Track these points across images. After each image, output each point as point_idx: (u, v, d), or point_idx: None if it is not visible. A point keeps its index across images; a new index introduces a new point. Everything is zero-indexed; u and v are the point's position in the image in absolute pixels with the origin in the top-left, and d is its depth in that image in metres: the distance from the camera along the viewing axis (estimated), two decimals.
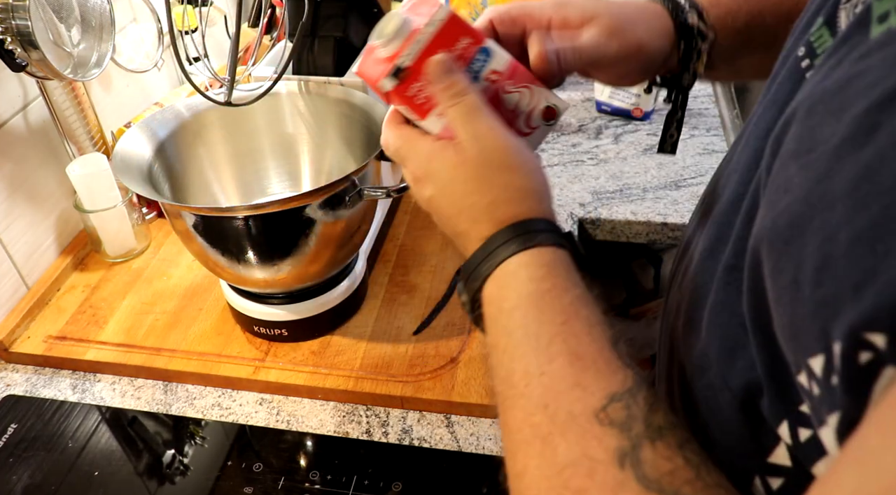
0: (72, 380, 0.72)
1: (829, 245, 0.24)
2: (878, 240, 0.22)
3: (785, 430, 0.28)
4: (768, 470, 0.30)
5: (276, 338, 0.71)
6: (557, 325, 0.35)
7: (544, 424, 0.32)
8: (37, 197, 0.80)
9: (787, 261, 0.26)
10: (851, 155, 0.24)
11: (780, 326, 0.27)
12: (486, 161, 0.41)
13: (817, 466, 0.27)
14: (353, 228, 0.67)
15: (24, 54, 0.68)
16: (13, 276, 0.78)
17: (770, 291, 0.28)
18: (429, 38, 0.42)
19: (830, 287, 0.23)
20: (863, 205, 0.23)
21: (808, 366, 0.25)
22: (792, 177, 0.27)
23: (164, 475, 0.62)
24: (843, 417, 0.23)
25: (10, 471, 0.62)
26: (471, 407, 0.64)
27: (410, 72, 0.42)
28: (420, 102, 0.43)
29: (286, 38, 0.77)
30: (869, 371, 0.22)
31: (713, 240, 0.37)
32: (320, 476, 0.60)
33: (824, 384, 0.24)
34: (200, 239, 0.64)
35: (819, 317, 0.24)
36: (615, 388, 0.32)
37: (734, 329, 0.32)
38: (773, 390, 0.29)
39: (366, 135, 0.71)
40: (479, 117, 0.42)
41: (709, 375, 0.34)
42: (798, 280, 0.25)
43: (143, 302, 0.79)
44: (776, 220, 0.27)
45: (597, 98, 1.11)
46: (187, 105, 0.74)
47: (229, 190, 0.79)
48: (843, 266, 0.23)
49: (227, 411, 0.67)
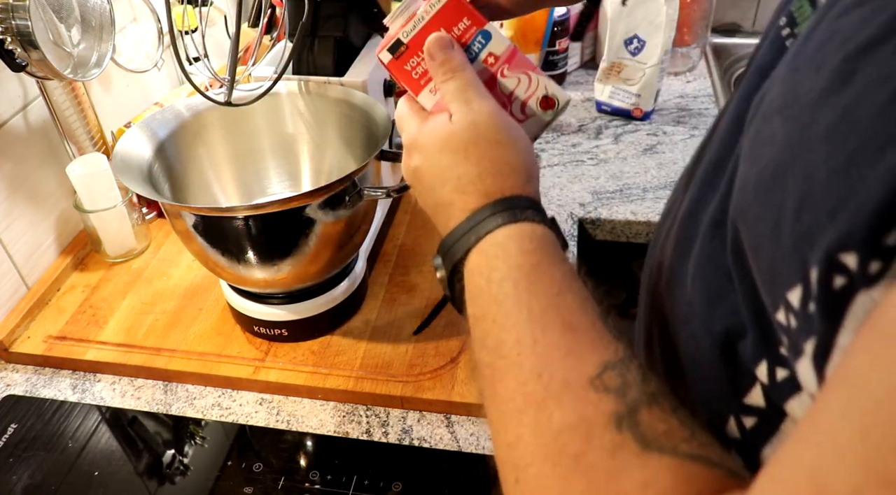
0: (72, 380, 0.72)
1: (808, 183, 0.25)
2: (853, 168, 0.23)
3: (763, 371, 0.30)
4: (743, 411, 0.32)
5: (276, 338, 0.71)
6: (551, 297, 0.35)
7: (538, 392, 0.32)
8: (37, 197, 0.80)
9: (768, 208, 0.27)
10: (830, 101, 0.25)
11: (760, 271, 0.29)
12: (477, 134, 0.42)
13: (790, 403, 0.29)
14: (353, 228, 0.67)
15: (24, 54, 0.68)
16: (13, 276, 0.78)
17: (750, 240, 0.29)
18: (429, 17, 0.45)
19: (809, 220, 0.25)
20: (840, 143, 0.24)
21: (787, 299, 0.26)
22: (775, 131, 0.29)
23: (164, 475, 0.62)
24: (818, 342, 0.24)
25: (10, 471, 0.62)
26: (471, 407, 0.64)
27: (408, 48, 0.46)
28: (416, 77, 0.46)
29: (286, 38, 0.77)
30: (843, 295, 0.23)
31: (696, 201, 0.38)
32: (320, 476, 0.60)
33: (802, 314, 0.25)
34: (200, 239, 0.64)
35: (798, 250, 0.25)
36: (609, 357, 0.32)
37: (718, 279, 0.33)
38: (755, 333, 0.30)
39: (366, 135, 0.71)
40: (473, 93, 0.43)
41: (692, 324, 0.35)
42: (778, 222, 0.27)
43: (143, 302, 0.79)
44: (761, 171, 0.29)
45: (597, 98, 1.11)
46: (187, 105, 0.74)
47: (229, 190, 0.79)
48: (821, 198, 0.24)
49: (227, 411, 0.67)
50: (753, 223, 0.29)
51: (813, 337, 0.25)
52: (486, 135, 0.42)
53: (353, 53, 0.78)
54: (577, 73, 1.25)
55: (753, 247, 0.29)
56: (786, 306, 0.26)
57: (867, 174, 0.22)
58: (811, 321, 0.24)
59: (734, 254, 0.32)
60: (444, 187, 0.42)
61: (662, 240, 0.42)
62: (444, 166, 0.42)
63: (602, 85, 1.09)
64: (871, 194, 0.22)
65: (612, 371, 0.31)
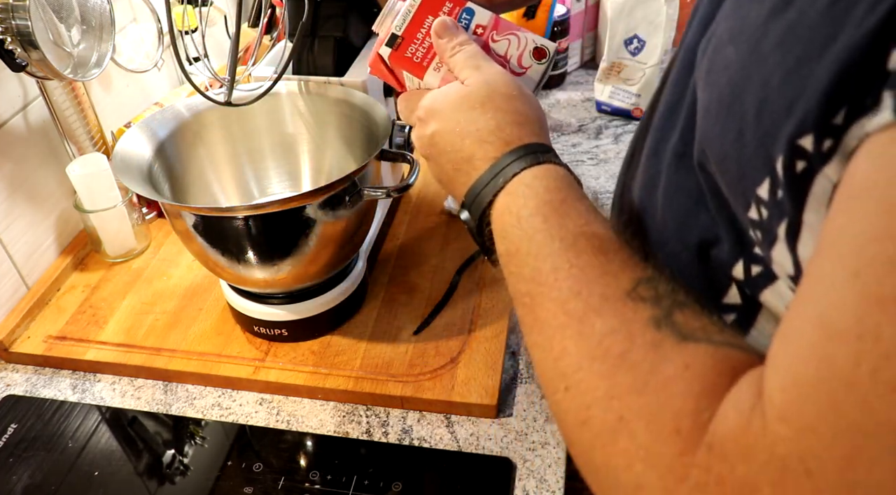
0: (72, 380, 0.72)
1: (765, 90, 0.29)
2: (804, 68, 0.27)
3: (739, 270, 0.34)
4: (723, 310, 0.36)
5: (276, 338, 0.71)
6: (580, 226, 0.38)
7: (579, 308, 0.34)
8: (37, 197, 0.80)
9: (731, 121, 0.31)
10: (776, 20, 0.29)
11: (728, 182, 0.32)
12: (491, 90, 0.46)
13: (764, 294, 0.34)
14: (353, 228, 0.67)
15: (24, 54, 0.68)
16: (13, 276, 0.78)
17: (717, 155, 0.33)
18: (417, 7, 0.51)
19: (769, 120, 0.28)
20: (789, 51, 0.28)
21: (757, 195, 0.30)
22: (728, 57, 0.33)
23: (164, 475, 0.62)
24: (789, 222, 0.29)
25: (10, 471, 0.62)
26: (471, 407, 0.64)
27: (404, 38, 0.51)
28: (417, 61, 0.52)
29: (286, 38, 0.77)
30: (804, 177, 0.27)
31: (657, 141, 0.42)
32: (320, 476, 0.60)
33: (771, 203, 0.29)
34: (200, 239, 0.63)
35: (762, 148, 0.29)
36: (640, 274, 0.35)
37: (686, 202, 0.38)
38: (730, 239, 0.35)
39: (366, 135, 0.71)
40: (481, 59, 0.48)
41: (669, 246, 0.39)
42: (742, 130, 0.30)
43: (143, 302, 0.79)
44: (721, 93, 0.32)
45: (597, 98, 1.11)
46: (187, 105, 0.74)
47: (229, 190, 0.79)
48: (778, 99, 0.28)
49: (227, 411, 0.67)
50: (719, 138, 0.32)
51: (784, 220, 0.29)
52: (499, 90, 0.46)
53: (353, 53, 0.78)
54: (577, 73, 1.25)
55: (720, 161, 0.33)
56: (756, 201, 0.30)
57: (814, 68, 0.26)
58: (780, 205, 0.29)
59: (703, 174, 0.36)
60: (465, 141, 0.45)
61: (628, 183, 0.47)
62: (462, 123, 0.45)
63: (602, 85, 1.09)
64: (820, 81, 0.26)
65: (644, 284, 0.34)
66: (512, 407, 0.65)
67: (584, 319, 0.34)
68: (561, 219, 0.38)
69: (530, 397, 0.66)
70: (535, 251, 0.38)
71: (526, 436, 0.62)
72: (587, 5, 1.20)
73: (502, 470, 0.59)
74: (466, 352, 0.69)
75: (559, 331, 0.35)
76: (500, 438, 0.62)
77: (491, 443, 0.62)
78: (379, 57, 0.53)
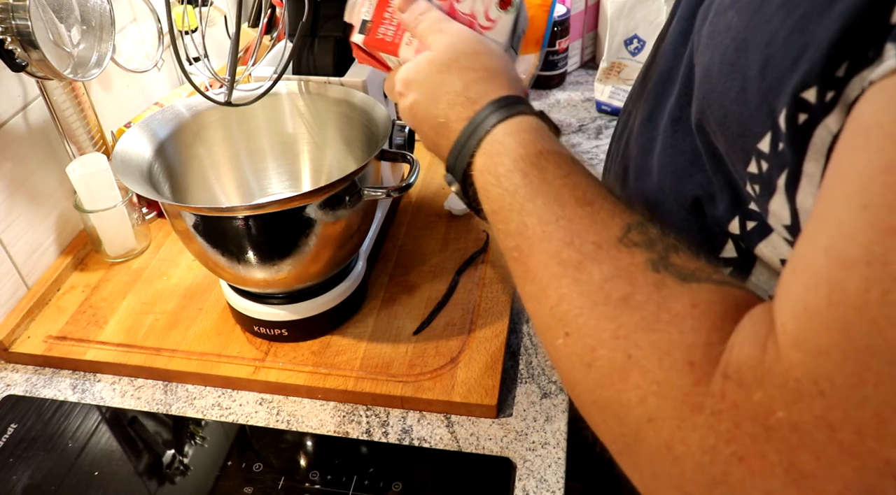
0: (72, 380, 0.72)
1: (769, 48, 0.30)
2: (808, 24, 0.28)
3: (735, 225, 0.36)
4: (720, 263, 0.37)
5: (276, 338, 0.71)
6: (560, 177, 0.38)
7: (573, 257, 0.34)
8: (37, 197, 0.80)
9: (734, 78, 0.32)
10: None
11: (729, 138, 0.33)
12: (455, 50, 0.47)
13: (759, 247, 0.35)
14: (353, 228, 0.67)
15: (24, 54, 0.68)
16: (13, 276, 0.78)
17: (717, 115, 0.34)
18: None
19: (773, 75, 0.29)
20: (794, 9, 0.29)
21: (758, 150, 0.31)
22: (731, 20, 0.33)
23: (164, 475, 0.62)
24: (789, 172, 0.30)
25: (10, 471, 0.62)
26: (471, 408, 0.64)
27: (373, 22, 0.53)
28: (390, 40, 0.53)
29: (286, 38, 0.77)
30: (806, 128, 0.28)
31: (652, 109, 0.43)
32: (320, 476, 0.60)
33: (772, 155, 0.30)
34: (200, 239, 0.64)
35: (765, 102, 0.30)
36: (629, 220, 0.35)
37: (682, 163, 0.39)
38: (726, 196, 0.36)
39: (366, 135, 0.71)
40: (444, 23, 0.49)
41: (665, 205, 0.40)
42: (745, 87, 0.31)
43: (143, 302, 0.79)
44: (723, 53, 0.33)
45: (597, 98, 1.11)
46: (187, 105, 0.74)
47: (229, 190, 0.79)
48: (782, 55, 0.29)
49: (227, 411, 0.67)
50: (721, 97, 0.33)
51: (784, 170, 0.30)
52: (463, 48, 0.47)
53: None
54: (577, 73, 1.25)
55: (721, 119, 0.34)
56: (757, 155, 0.31)
57: (819, 24, 0.27)
58: (781, 157, 0.30)
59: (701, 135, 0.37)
60: (438, 107, 0.46)
61: (623, 148, 0.48)
62: (433, 89, 0.46)
63: (602, 85, 1.09)
64: (825, 37, 0.27)
65: (635, 230, 0.34)
66: (512, 407, 0.65)
67: (580, 267, 0.34)
68: (540, 173, 0.38)
69: (530, 397, 0.66)
70: (519, 206, 0.38)
71: (526, 436, 0.62)
72: (587, 5, 1.20)
73: (502, 470, 0.59)
74: (466, 352, 0.69)
75: (554, 280, 0.35)
76: (500, 438, 0.62)
77: (491, 443, 0.62)
78: (356, 46, 0.55)
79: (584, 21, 1.21)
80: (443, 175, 0.48)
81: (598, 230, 0.35)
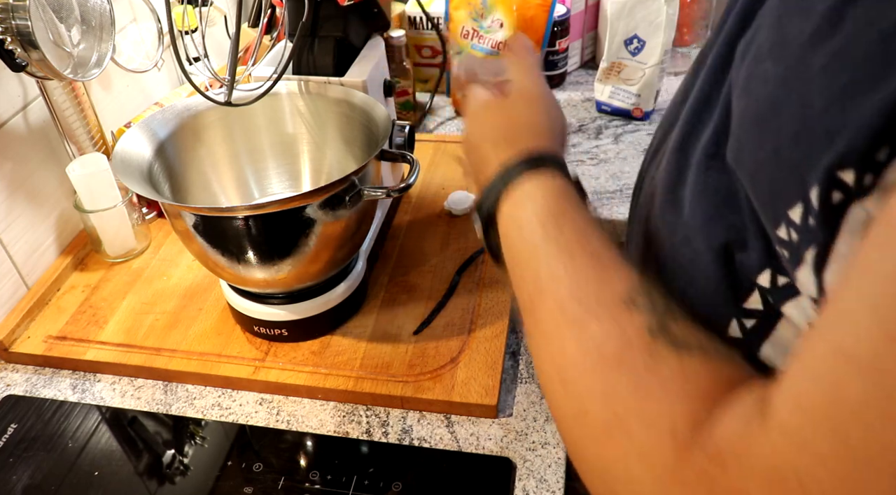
0: (72, 380, 0.72)
1: (805, 113, 0.29)
2: (848, 99, 0.27)
3: (766, 278, 0.34)
4: (744, 314, 0.37)
5: (276, 338, 0.71)
6: (577, 234, 0.40)
7: (577, 312, 0.36)
8: (37, 197, 0.80)
9: (767, 136, 0.31)
10: (822, 44, 0.29)
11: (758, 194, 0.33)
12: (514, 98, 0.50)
13: (787, 305, 0.34)
14: (353, 228, 0.67)
15: (24, 54, 0.68)
16: (13, 276, 0.78)
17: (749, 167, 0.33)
18: None
19: (807, 144, 0.28)
20: (835, 78, 0.28)
21: (788, 217, 0.30)
22: (768, 69, 0.32)
23: (164, 475, 0.62)
24: (818, 250, 0.29)
25: (10, 471, 0.62)
26: (471, 408, 0.64)
27: None
28: None
29: (286, 38, 0.77)
30: (839, 208, 0.27)
31: (686, 135, 0.42)
32: (320, 476, 0.60)
33: (803, 228, 0.29)
34: (200, 239, 0.63)
35: (798, 171, 0.29)
36: (634, 282, 0.36)
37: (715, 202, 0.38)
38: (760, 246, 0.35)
39: (366, 135, 0.71)
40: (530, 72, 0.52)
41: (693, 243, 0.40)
42: (778, 148, 0.30)
43: (143, 302, 0.79)
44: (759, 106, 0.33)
45: (597, 98, 1.11)
46: (187, 105, 0.74)
47: (229, 190, 0.79)
48: (818, 125, 0.28)
49: (227, 411, 0.67)
50: (753, 152, 0.33)
51: (813, 246, 0.29)
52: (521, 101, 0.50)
53: (353, 53, 0.78)
54: (577, 73, 1.25)
55: (753, 173, 0.33)
56: (787, 222, 0.30)
57: (861, 103, 0.26)
58: (812, 233, 0.29)
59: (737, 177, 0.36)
60: (483, 144, 0.48)
61: (654, 173, 0.48)
62: (485, 127, 0.50)
63: (602, 85, 1.09)
64: (867, 119, 0.26)
65: (638, 292, 0.35)
66: (512, 407, 0.65)
67: (582, 323, 0.35)
68: (558, 228, 0.40)
69: (530, 397, 0.66)
70: (536, 258, 0.40)
71: (526, 436, 0.62)
72: (587, 5, 1.20)
73: (502, 470, 0.59)
74: (466, 352, 0.69)
75: (558, 332, 0.36)
76: (500, 438, 0.62)
77: (491, 443, 0.62)
78: None
79: (584, 21, 1.21)
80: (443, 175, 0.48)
81: (603, 288, 0.36)
